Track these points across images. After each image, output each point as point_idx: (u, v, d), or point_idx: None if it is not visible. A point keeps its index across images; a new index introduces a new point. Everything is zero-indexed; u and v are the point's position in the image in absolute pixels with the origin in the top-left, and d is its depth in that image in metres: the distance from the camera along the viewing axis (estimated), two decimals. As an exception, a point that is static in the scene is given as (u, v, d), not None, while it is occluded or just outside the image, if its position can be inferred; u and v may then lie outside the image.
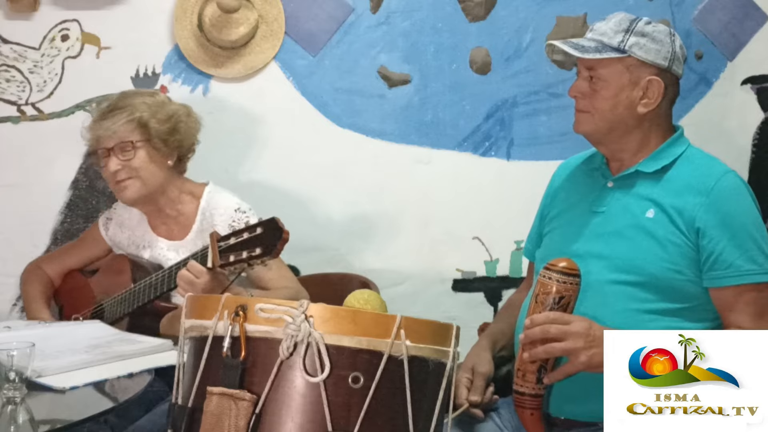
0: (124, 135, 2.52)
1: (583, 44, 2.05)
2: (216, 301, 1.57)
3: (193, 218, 2.62)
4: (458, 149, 3.15)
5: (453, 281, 3.20)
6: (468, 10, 3.12)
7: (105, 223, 2.78)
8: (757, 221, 2.02)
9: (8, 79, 2.94)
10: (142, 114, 2.52)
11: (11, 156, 2.98)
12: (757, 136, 3.29)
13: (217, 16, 2.91)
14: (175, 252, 2.61)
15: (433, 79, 3.12)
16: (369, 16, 3.08)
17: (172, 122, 2.55)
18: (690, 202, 1.99)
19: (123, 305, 2.52)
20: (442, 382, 1.60)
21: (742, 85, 3.26)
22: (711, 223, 1.97)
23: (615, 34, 2.03)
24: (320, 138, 3.09)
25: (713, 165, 2.07)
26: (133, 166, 2.54)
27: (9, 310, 2.99)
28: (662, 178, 2.06)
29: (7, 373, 1.84)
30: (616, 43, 2.02)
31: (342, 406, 1.49)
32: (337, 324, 1.51)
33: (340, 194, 3.11)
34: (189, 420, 1.57)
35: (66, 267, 2.82)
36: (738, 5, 3.22)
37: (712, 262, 1.96)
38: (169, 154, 2.57)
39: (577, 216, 2.16)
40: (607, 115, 2.05)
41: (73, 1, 2.93)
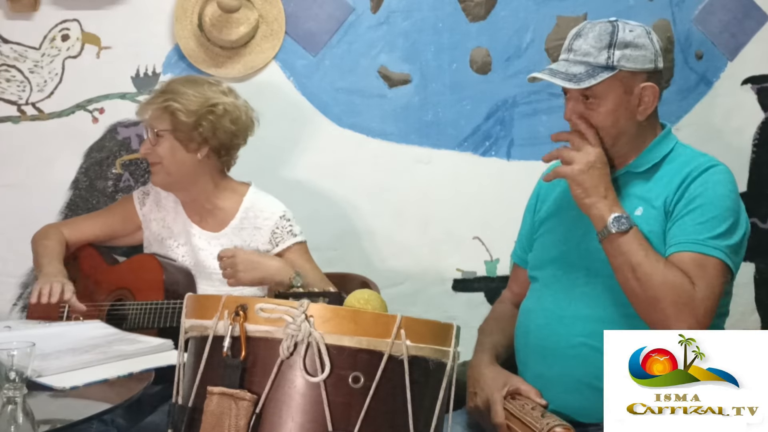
0: (154, 121, 2.55)
1: (573, 71, 2.03)
2: (216, 301, 1.57)
3: (233, 214, 2.62)
4: (458, 149, 3.15)
5: (453, 281, 3.19)
6: (468, 10, 3.11)
7: (141, 198, 2.74)
8: (728, 208, 2.01)
9: (8, 79, 2.94)
10: (173, 103, 2.51)
11: (11, 156, 2.97)
12: (757, 136, 3.28)
13: (217, 15, 2.91)
14: (207, 242, 2.62)
15: (434, 79, 3.12)
16: (369, 15, 3.08)
17: (198, 116, 2.52)
18: (671, 190, 2.02)
19: (154, 317, 2.47)
20: (443, 381, 1.61)
21: (743, 84, 3.26)
22: (681, 202, 2.00)
23: (599, 51, 2.01)
24: (320, 138, 3.09)
25: (701, 157, 2.09)
26: (157, 153, 2.55)
27: (9, 310, 2.98)
28: (653, 176, 2.08)
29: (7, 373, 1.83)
30: (604, 60, 2.01)
31: (342, 406, 1.49)
32: (337, 324, 1.51)
33: (341, 194, 3.11)
34: (189, 420, 1.57)
35: (85, 235, 2.74)
36: (738, 5, 3.21)
37: (670, 236, 1.99)
38: (196, 147, 2.55)
39: (568, 219, 2.17)
40: (610, 131, 2.05)
41: (74, 1, 2.93)
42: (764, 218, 3.31)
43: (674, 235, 1.99)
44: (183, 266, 2.62)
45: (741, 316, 3.26)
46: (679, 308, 1.90)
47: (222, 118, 2.55)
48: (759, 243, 3.29)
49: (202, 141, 2.54)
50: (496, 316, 2.33)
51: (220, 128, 2.55)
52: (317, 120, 3.08)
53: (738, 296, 3.24)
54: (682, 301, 1.90)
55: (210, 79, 2.67)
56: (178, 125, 2.52)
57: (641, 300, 1.93)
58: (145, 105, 2.58)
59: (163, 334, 2.32)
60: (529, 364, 2.13)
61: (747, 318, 3.30)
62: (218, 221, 2.64)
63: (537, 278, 2.19)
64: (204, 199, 2.63)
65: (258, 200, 2.64)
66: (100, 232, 2.75)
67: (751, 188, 3.29)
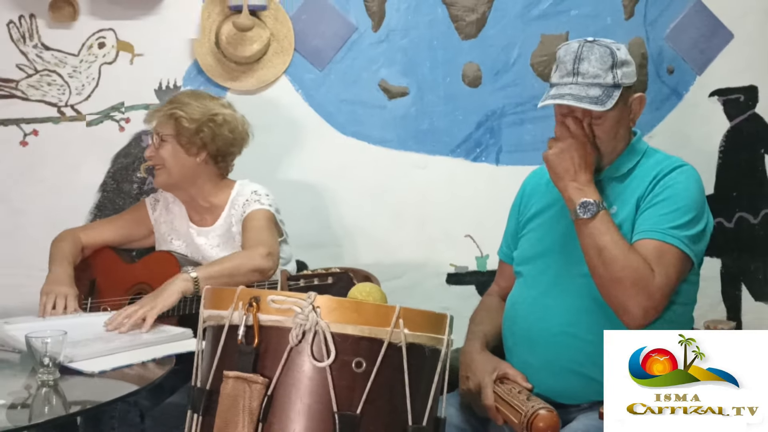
0: (159, 127, 2.57)
1: (593, 94, 1.99)
2: (231, 293, 1.57)
3: (223, 207, 2.62)
4: (452, 155, 3.15)
5: (447, 275, 3.19)
6: (461, 29, 3.11)
7: (153, 204, 2.75)
8: (691, 201, 2.00)
9: (50, 83, 2.94)
10: (178, 111, 2.53)
11: (48, 155, 2.95)
12: (723, 142, 3.29)
13: (233, 34, 2.91)
14: (205, 238, 2.62)
15: (429, 92, 3.11)
16: (371, 34, 3.07)
17: (199, 123, 2.53)
18: (643, 188, 2.02)
19: (172, 306, 2.40)
20: (437, 367, 1.60)
21: (710, 97, 3.26)
22: (649, 196, 2.00)
23: (606, 73, 2.00)
24: (326, 145, 3.09)
25: (670, 159, 2.09)
26: (161, 156, 2.56)
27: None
28: (627, 178, 2.07)
29: (41, 359, 1.84)
30: (611, 80, 2.00)
31: (346, 389, 1.49)
32: (341, 314, 1.51)
33: (345, 196, 3.11)
34: (207, 401, 1.57)
35: (101, 239, 2.71)
36: (706, 24, 3.21)
37: (636, 225, 1.99)
38: (196, 152, 2.56)
39: (550, 218, 2.16)
40: (611, 142, 2.05)
41: (109, 11, 2.93)
42: (730, 218, 3.31)
43: (639, 224, 1.99)
44: (194, 260, 2.62)
45: (709, 307, 3.26)
46: (637, 290, 1.89)
47: (221, 127, 2.56)
48: (725, 241, 3.29)
49: (201, 146, 2.55)
50: (485, 307, 2.32)
51: (219, 135, 2.56)
52: (323, 128, 3.08)
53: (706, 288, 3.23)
54: (641, 284, 1.89)
55: (212, 94, 2.70)
56: (181, 130, 2.53)
57: (605, 281, 1.93)
58: (153, 113, 2.61)
59: (183, 321, 2.33)
60: (516, 351, 2.12)
61: (715, 308, 3.31)
62: (213, 216, 2.64)
63: (522, 273, 2.19)
64: (201, 199, 2.64)
65: (243, 188, 2.62)
66: (116, 236, 2.73)
67: (717, 190, 3.29)
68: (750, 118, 3.28)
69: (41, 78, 2.93)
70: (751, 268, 3.33)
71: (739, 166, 3.29)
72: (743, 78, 3.26)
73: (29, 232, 2.94)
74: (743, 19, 3.23)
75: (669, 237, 1.94)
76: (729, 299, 3.33)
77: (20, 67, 2.92)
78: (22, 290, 2.77)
